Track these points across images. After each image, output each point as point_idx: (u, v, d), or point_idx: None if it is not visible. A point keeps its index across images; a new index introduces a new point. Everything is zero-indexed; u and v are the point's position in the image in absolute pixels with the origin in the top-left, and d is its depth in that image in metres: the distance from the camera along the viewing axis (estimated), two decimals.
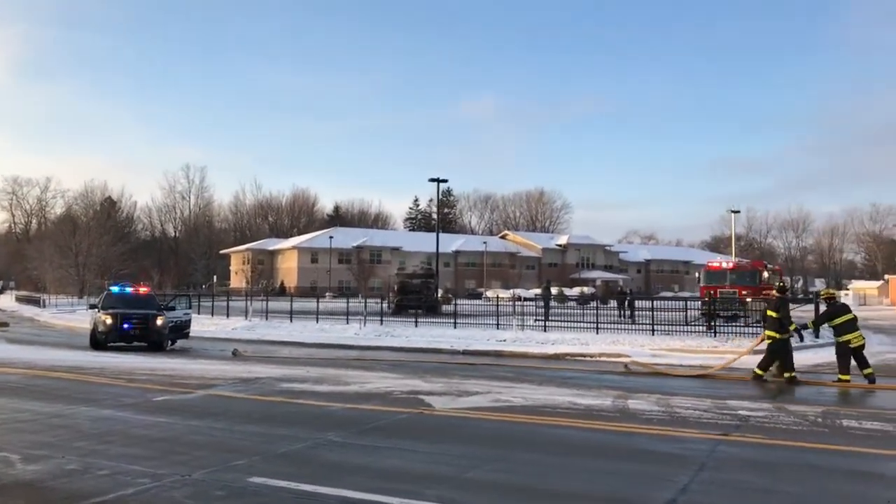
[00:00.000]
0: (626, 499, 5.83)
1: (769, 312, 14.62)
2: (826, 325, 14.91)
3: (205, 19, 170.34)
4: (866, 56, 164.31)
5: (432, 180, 46.49)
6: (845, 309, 14.36)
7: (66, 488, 6.05)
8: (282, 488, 6.02)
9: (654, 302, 33.33)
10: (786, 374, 13.87)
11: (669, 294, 76.48)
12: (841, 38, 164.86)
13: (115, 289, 22.96)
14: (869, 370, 13.70)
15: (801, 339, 19.63)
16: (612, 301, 40.45)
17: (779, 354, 14.11)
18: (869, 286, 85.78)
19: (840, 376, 13.67)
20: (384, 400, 10.91)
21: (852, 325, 13.89)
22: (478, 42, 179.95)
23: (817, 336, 21.69)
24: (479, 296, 65.95)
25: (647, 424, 8.96)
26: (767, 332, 14.40)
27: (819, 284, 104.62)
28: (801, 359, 18.41)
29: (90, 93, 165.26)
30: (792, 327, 14.50)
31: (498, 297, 65.36)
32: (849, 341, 13.74)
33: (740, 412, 9.95)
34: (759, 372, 14.14)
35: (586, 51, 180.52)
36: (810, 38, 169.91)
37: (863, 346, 13.89)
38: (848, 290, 78.51)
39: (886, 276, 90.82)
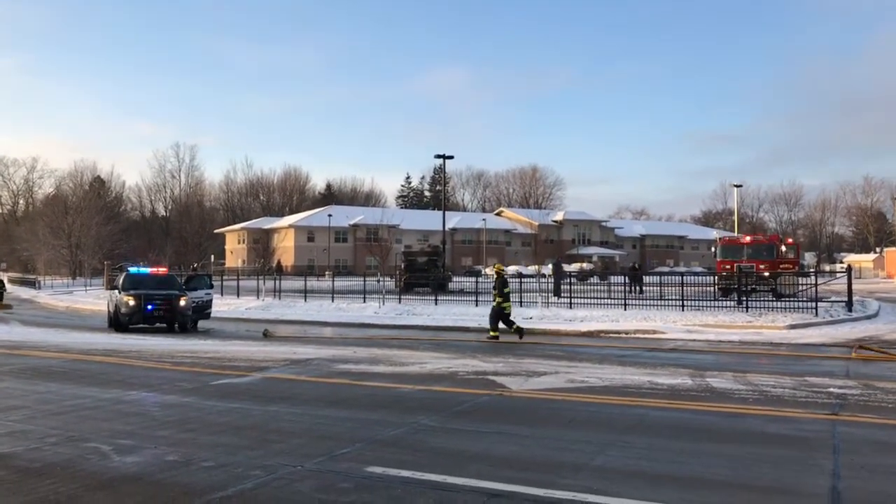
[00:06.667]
0: (789, 487, 5.47)
1: None
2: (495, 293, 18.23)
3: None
4: (846, 23, 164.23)
5: (438, 156, 45.92)
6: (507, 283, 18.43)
7: (178, 482, 5.63)
8: (408, 479, 5.63)
9: (665, 277, 33.11)
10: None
11: (666, 269, 76.60)
12: (819, 4, 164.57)
13: (135, 270, 22.41)
14: (517, 326, 17.63)
15: None
16: (610, 276, 40.67)
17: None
18: (864, 259, 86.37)
19: (491, 332, 17.66)
20: (454, 381, 10.52)
21: (509, 296, 18.37)
22: (449, 11, 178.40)
23: (850, 310, 21.56)
24: (477, 273, 65.51)
25: (744, 404, 8.62)
26: None
27: (809, 258, 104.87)
28: (839, 333, 18.31)
29: (76, 73, 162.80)
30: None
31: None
32: (505, 308, 17.93)
33: (831, 389, 9.66)
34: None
35: (563, 23, 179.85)
36: (789, 6, 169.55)
37: (510, 312, 18.22)
38: (843, 262, 78.90)
39: (881, 250, 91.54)
